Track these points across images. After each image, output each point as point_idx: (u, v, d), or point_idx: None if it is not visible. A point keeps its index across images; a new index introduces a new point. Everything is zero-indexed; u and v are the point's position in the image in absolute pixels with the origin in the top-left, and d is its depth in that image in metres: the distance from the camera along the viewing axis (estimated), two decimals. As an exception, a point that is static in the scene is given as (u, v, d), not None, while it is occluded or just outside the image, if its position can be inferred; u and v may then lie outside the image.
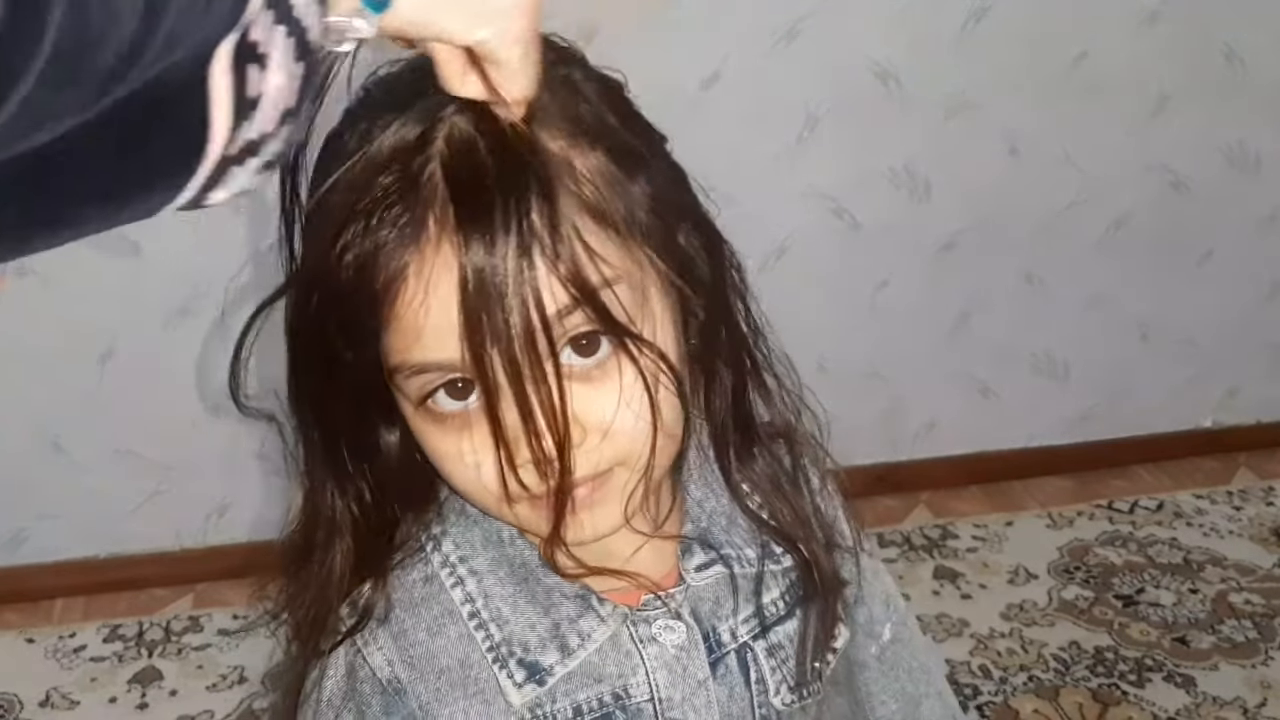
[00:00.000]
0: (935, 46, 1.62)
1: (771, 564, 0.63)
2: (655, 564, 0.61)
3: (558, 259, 0.47)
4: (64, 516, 1.70)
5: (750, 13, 1.56)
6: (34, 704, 1.54)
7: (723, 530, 0.63)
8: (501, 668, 0.58)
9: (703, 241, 0.56)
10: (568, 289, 0.48)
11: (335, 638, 0.59)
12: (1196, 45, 1.71)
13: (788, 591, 0.64)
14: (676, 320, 0.54)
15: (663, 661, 0.60)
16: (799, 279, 1.72)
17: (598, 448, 0.51)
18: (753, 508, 0.63)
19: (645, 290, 0.52)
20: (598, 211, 0.49)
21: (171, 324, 1.59)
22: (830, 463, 0.69)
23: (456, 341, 0.47)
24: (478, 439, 0.51)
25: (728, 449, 0.62)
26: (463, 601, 0.59)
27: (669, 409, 0.53)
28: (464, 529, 0.60)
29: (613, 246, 0.50)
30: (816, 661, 0.64)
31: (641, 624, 0.60)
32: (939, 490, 1.94)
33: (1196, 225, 1.85)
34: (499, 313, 0.47)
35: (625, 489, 0.53)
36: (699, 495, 0.63)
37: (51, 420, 1.63)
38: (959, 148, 1.70)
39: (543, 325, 0.47)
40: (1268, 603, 1.68)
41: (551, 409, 0.48)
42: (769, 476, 0.63)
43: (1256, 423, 2.06)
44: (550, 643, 0.58)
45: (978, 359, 1.88)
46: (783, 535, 0.63)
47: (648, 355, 0.51)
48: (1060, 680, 1.54)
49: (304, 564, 0.59)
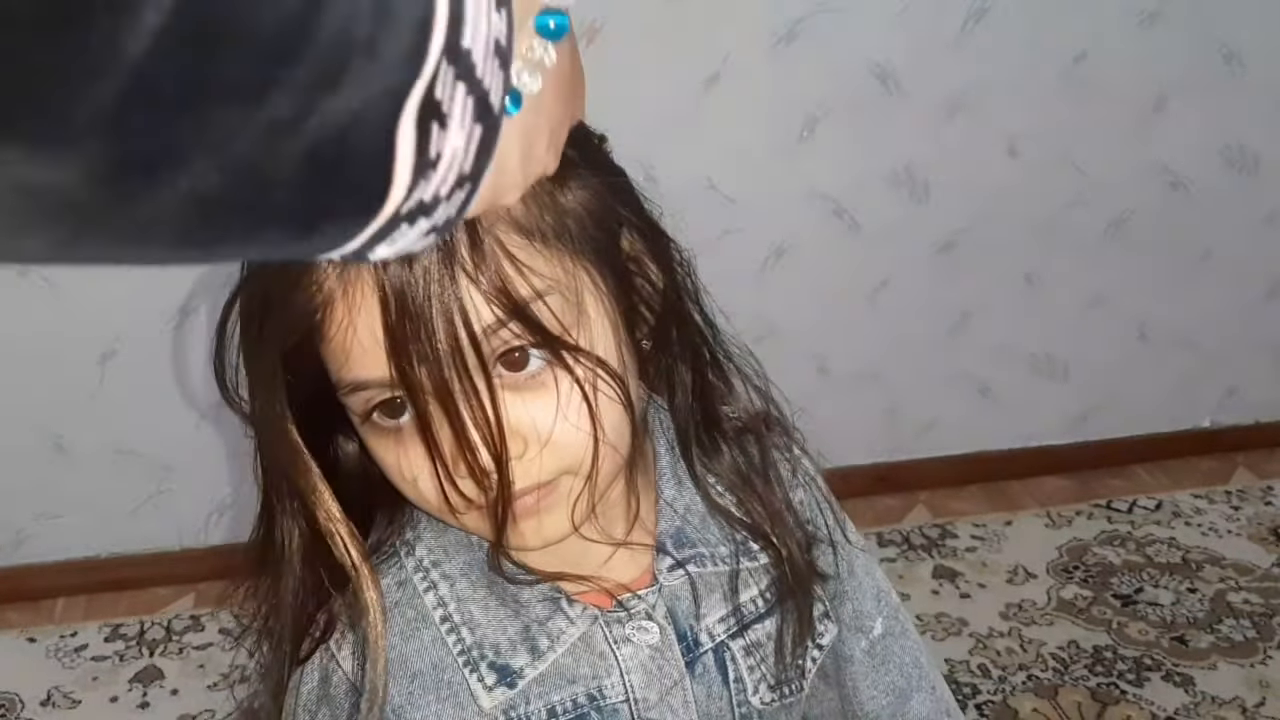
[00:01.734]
0: (935, 46, 1.62)
1: (747, 560, 0.63)
2: (628, 566, 0.61)
3: (480, 274, 0.46)
4: (65, 516, 1.70)
5: (750, 13, 1.56)
6: (35, 703, 1.54)
7: (696, 529, 0.62)
8: (472, 671, 0.58)
9: (646, 244, 0.55)
10: (492, 306, 0.47)
11: (309, 643, 0.59)
12: (1196, 45, 1.71)
13: (767, 589, 0.64)
14: (617, 325, 0.53)
15: (638, 662, 0.60)
16: (799, 279, 1.72)
17: (538, 458, 0.51)
18: (723, 504, 0.63)
19: (580, 298, 0.51)
20: (521, 226, 0.48)
21: (171, 324, 1.59)
22: (806, 454, 0.68)
23: (384, 360, 0.47)
24: (414, 454, 0.51)
25: (692, 446, 0.62)
26: (435, 605, 0.59)
27: (611, 415, 0.52)
28: (437, 534, 0.61)
29: (541, 259, 0.49)
30: (798, 659, 0.64)
31: (615, 625, 0.60)
32: (938, 490, 1.95)
33: (1196, 225, 1.85)
34: (422, 331, 0.46)
35: (571, 496, 0.53)
36: (671, 494, 0.63)
37: (52, 420, 1.64)
38: (959, 148, 1.70)
39: (470, 342, 0.46)
40: (1266, 602, 1.68)
41: (486, 423, 0.48)
42: (737, 471, 0.63)
43: (1255, 423, 2.06)
44: (520, 645, 0.58)
45: (977, 359, 1.89)
46: (755, 530, 0.63)
47: (584, 364, 0.50)
48: (1059, 679, 1.54)
49: (267, 571, 0.59)
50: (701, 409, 0.61)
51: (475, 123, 0.32)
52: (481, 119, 0.32)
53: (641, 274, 0.56)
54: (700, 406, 0.61)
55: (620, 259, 0.54)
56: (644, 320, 0.56)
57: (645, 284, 0.56)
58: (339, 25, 0.27)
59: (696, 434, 0.61)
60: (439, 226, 0.34)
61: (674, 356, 0.58)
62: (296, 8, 0.26)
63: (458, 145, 0.32)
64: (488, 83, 0.32)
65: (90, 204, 0.27)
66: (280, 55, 0.27)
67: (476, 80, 0.31)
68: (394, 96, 0.29)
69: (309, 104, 0.28)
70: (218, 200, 0.28)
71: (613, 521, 0.60)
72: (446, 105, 0.31)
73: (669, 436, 0.63)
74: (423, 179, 0.32)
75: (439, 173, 0.32)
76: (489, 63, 0.32)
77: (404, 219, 0.33)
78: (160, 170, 0.27)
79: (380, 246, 0.34)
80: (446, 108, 0.31)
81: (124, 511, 1.71)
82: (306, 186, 0.30)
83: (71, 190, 0.26)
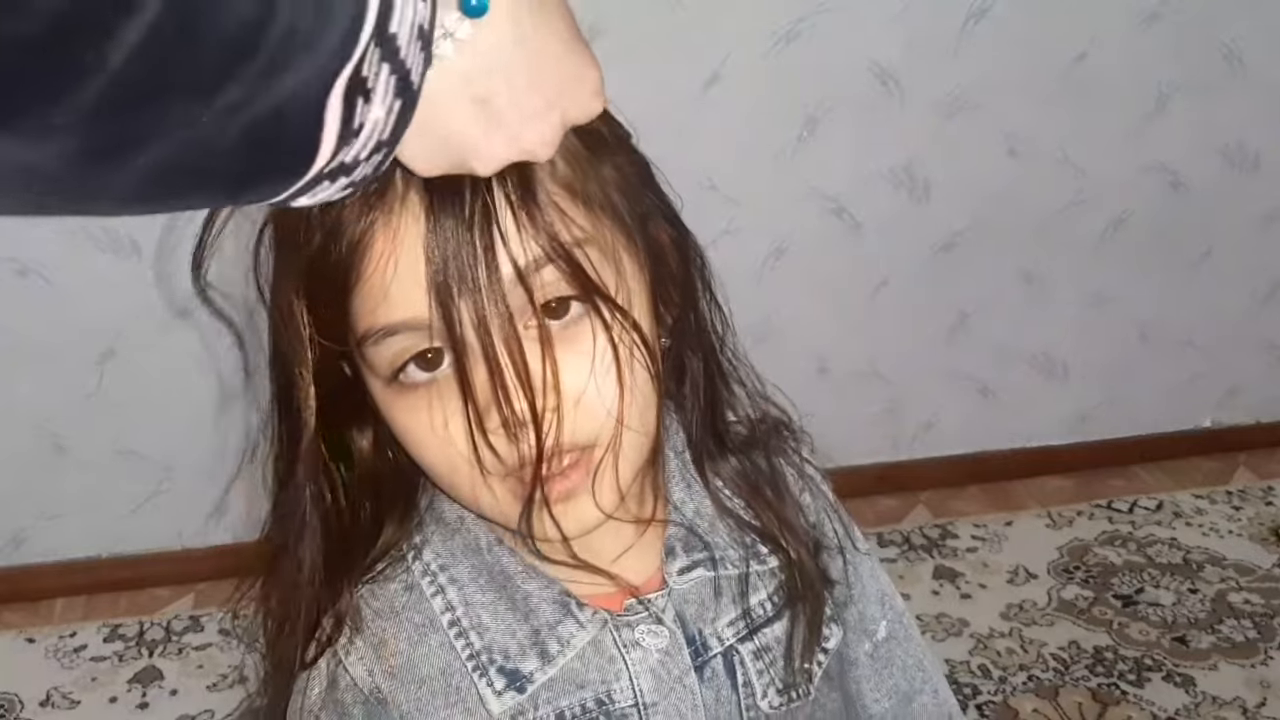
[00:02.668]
0: (935, 46, 1.62)
1: (757, 564, 0.63)
2: (639, 567, 0.60)
3: (528, 214, 0.47)
4: (64, 516, 1.70)
5: (750, 13, 1.56)
6: (34, 704, 1.54)
7: (705, 533, 0.62)
8: (481, 676, 0.57)
9: (671, 235, 0.56)
10: (538, 242, 0.47)
11: (315, 648, 0.59)
12: (1196, 45, 1.71)
13: (775, 593, 0.63)
14: (651, 303, 0.54)
15: (647, 666, 0.59)
16: (799, 279, 1.72)
17: (570, 415, 0.50)
18: (732, 507, 0.62)
19: (619, 262, 0.51)
20: (568, 183, 0.49)
21: (171, 324, 1.59)
22: (812, 461, 0.68)
23: (424, 296, 0.47)
24: (449, 407, 0.50)
25: (703, 449, 0.61)
26: (443, 610, 0.58)
27: (641, 385, 0.51)
28: (444, 538, 0.60)
29: (583, 215, 0.49)
30: (805, 663, 0.64)
31: (624, 628, 0.59)
32: (938, 490, 1.94)
33: (1195, 225, 1.85)
34: (468, 266, 0.46)
35: (602, 477, 0.52)
36: (679, 497, 0.63)
37: (52, 420, 1.63)
38: (959, 148, 1.70)
39: (517, 276, 0.47)
40: (1267, 602, 1.68)
41: (524, 368, 0.47)
42: (745, 476, 0.63)
43: (1256, 422, 2.06)
44: (530, 649, 0.58)
45: (977, 359, 1.89)
46: (764, 535, 0.62)
47: (620, 321, 0.50)
48: (1060, 680, 1.54)
49: (277, 569, 0.58)
50: (711, 412, 0.61)
51: (395, 97, 0.37)
52: (402, 94, 0.37)
53: (666, 264, 0.56)
54: (710, 410, 0.61)
55: (652, 243, 0.54)
56: (667, 312, 0.56)
57: (670, 276, 0.56)
58: (287, 24, 0.31)
59: (704, 437, 0.61)
60: (355, 182, 0.39)
61: (689, 355, 0.58)
62: (253, 12, 0.31)
63: (379, 116, 0.37)
64: (410, 62, 0.36)
65: (58, 177, 0.32)
66: (237, 54, 0.31)
67: (400, 61, 0.36)
68: (326, 77, 0.34)
69: (255, 90, 0.32)
70: (169, 168, 0.33)
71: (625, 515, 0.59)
72: (371, 82, 0.35)
73: (677, 440, 0.63)
74: (346, 145, 0.37)
75: (360, 140, 0.37)
76: (411, 45, 0.36)
77: (325, 177, 0.37)
78: (123, 152, 0.32)
79: (302, 198, 0.39)
80: (371, 84, 0.35)
81: (124, 511, 1.71)
82: (246, 155, 0.34)
83: (42, 166, 0.31)
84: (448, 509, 0.61)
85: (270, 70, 0.32)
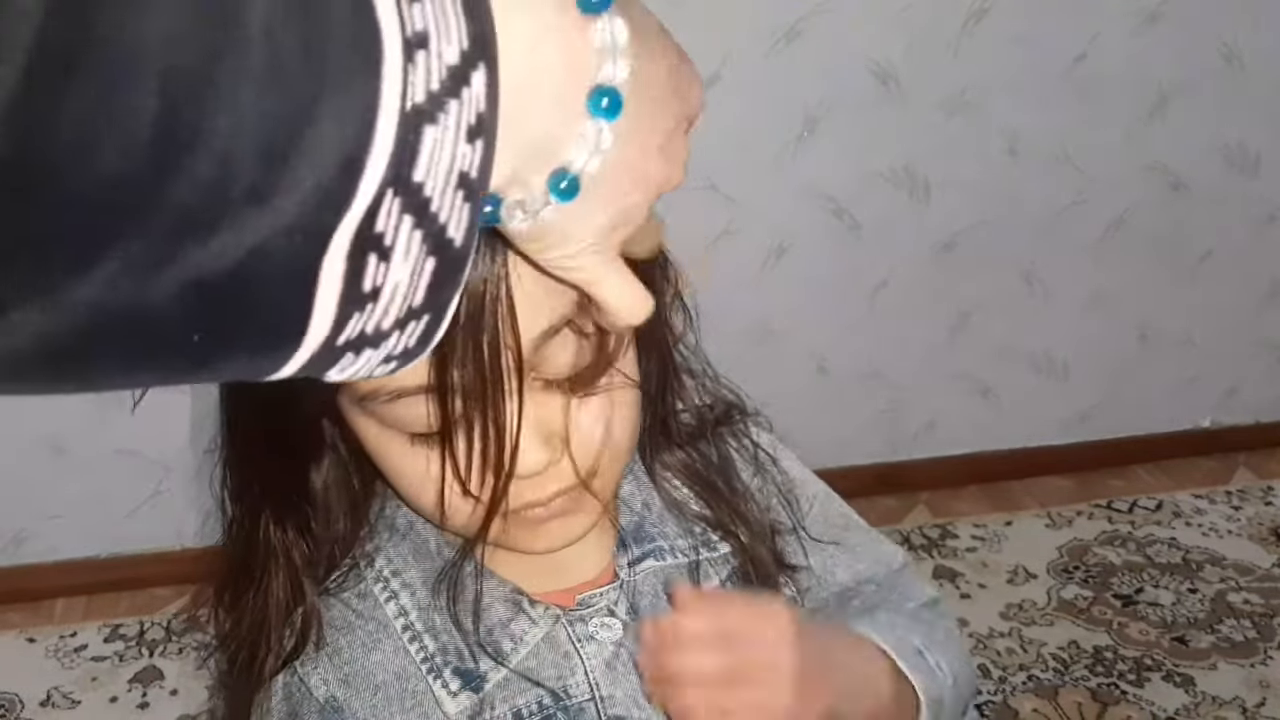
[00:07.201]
0: (935, 46, 1.62)
1: (707, 551, 0.63)
2: (591, 562, 0.61)
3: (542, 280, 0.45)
4: (64, 516, 1.70)
5: (750, 13, 1.56)
6: (35, 703, 1.54)
7: (654, 524, 0.63)
8: (436, 678, 0.57)
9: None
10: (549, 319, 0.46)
11: (275, 663, 0.59)
12: (1196, 45, 1.71)
13: (729, 578, 0.63)
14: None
15: (602, 659, 0.59)
16: (799, 279, 1.72)
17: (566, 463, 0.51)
18: (678, 498, 0.63)
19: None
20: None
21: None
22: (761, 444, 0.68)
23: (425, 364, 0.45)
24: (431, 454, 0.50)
25: (650, 443, 0.62)
26: (396, 615, 0.59)
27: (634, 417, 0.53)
28: (394, 543, 0.60)
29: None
30: None
31: (578, 623, 0.60)
32: (938, 490, 1.94)
33: (1195, 225, 1.85)
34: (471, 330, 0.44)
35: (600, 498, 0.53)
36: (628, 491, 0.63)
37: (51, 420, 1.63)
38: (959, 148, 1.70)
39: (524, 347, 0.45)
40: (1266, 602, 1.68)
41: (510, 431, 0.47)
42: (692, 468, 0.63)
43: (1255, 422, 2.06)
44: (484, 649, 0.58)
45: (977, 359, 1.89)
46: (712, 522, 0.63)
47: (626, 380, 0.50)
48: (1059, 680, 1.54)
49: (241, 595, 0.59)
50: (661, 405, 0.61)
51: (427, 256, 0.30)
52: (436, 252, 0.31)
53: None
54: (660, 403, 0.61)
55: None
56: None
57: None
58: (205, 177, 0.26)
59: (653, 431, 0.62)
60: (396, 355, 0.33)
61: (644, 354, 0.58)
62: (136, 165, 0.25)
63: (400, 279, 0.30)
64: (445, 216, 0.30)
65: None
66: (120, 211, 0.25)
67: (431, 214, 0.30)
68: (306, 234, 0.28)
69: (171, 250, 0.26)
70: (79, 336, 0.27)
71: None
72: (390, 238, 0.29)
73: None
74: (358, 311, 0.30)
75: (380, 306, 0.31)
76: (448, 196, 0.30)
77: (348, 349, 0.31)
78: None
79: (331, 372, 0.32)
80: (389, 240, 0.29)
81: (123, 511, 1.71)
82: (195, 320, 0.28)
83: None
84: (400, 516, 0.61)
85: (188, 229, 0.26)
